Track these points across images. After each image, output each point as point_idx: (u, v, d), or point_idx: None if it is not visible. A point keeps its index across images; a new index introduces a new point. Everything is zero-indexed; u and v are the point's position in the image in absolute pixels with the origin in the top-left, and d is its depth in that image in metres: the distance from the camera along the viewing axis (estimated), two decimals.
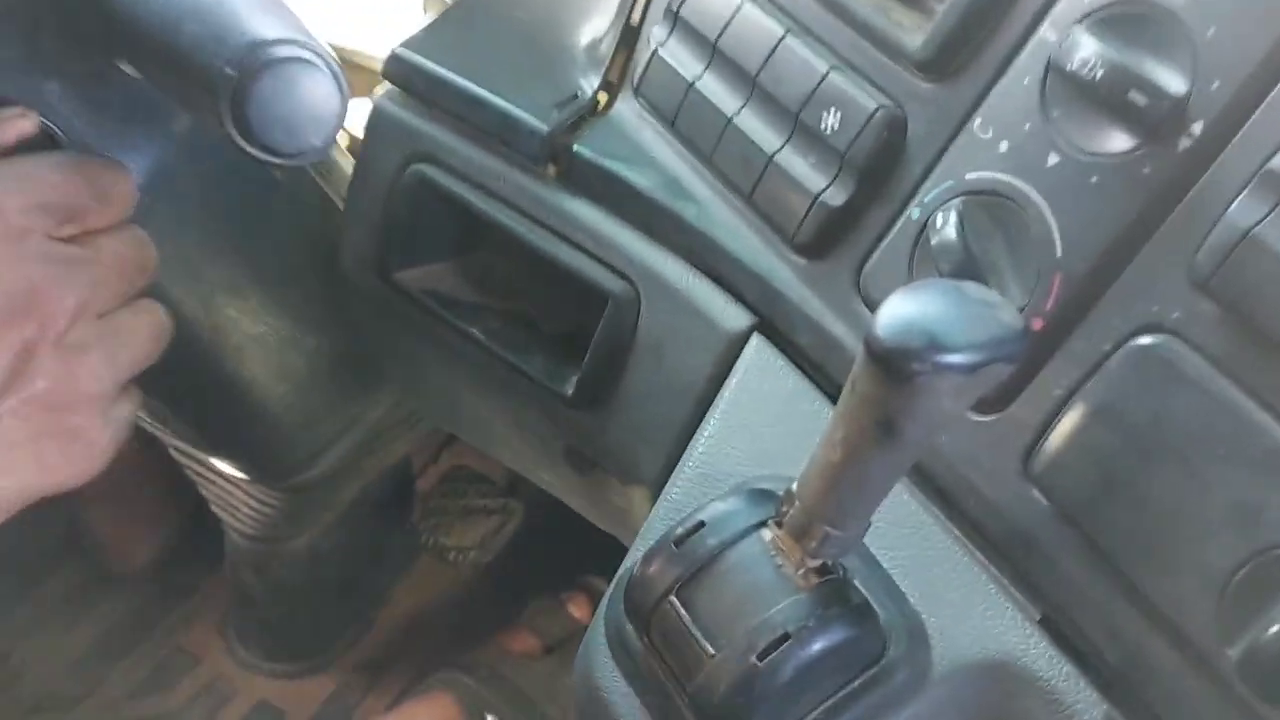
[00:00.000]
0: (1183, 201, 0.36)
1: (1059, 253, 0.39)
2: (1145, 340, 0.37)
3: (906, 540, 0.42)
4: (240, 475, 0.80)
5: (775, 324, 0.49)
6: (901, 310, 0.31)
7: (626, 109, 0.55)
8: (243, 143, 0.35)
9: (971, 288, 0.33)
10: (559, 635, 1.08)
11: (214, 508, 0.95)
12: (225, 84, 0.34)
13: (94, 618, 1.13)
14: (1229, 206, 0.34)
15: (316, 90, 0.36)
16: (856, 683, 0.38)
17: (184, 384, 0.65)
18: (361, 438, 0.80)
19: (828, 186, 0.45)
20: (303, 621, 1.09)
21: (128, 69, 0.48)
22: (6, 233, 0.41)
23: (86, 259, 0.44)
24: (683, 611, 0.38)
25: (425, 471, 1.25)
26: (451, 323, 0.57)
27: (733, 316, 0.49)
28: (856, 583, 0.39)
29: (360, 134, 0.60)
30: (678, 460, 0.47)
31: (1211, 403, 0.35)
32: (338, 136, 0.65)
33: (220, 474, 0.87)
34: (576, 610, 1.09)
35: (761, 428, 0.46)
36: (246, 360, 0.64)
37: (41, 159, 0.44)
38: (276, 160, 0.35)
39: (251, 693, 1.11)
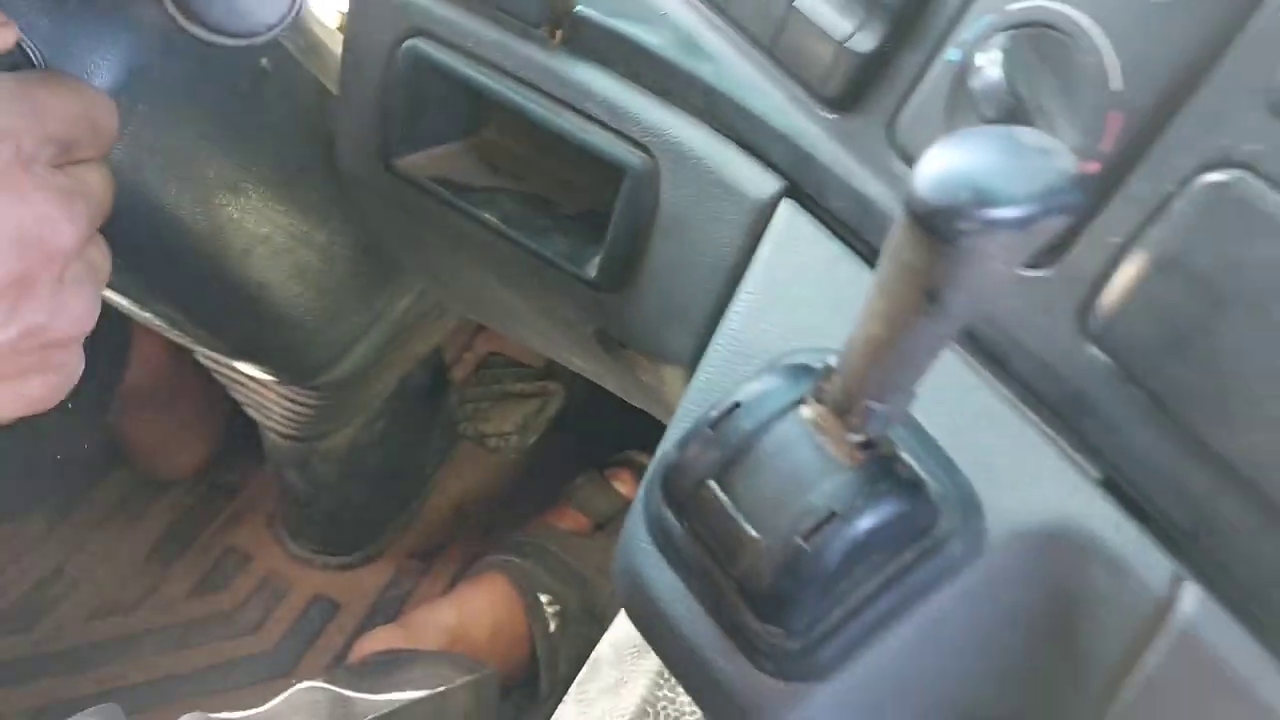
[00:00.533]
0: (1257, 13, 0.32)
1: (1117, 86, 0.35)
2: (1215, 177, 0.33)
3: (954, 404, 0.40)
4: (267, 378, 0.79)
5: (806, 188, 0.45)
6: (944, 163, 0.27)
7: None
8: (183, 21, 0.32)
9: (1022, 132, 0.29)
10: (606, 511, 1.09)
11: (248, 410, 0.95)
12: None
13: (143, 525, 1.15)
14: None
15: None
16: (907, 556, 0.37)
17: (193, 291, 0.63)
18: (388, 331, 0.78)
19: (856, 31, 0.42)
20: (349, 514, 1.11)
21: None
22: (22, 163, 0.39)
23: (83, 192, 0.42)
24: (722, 496, 0.36)
25: (460, 360, 1.24)
26: (463, 209, 0.54)
27: (760, 182, 0.46)
28: (903, 454, 0.37)
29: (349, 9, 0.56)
30: (709, 338, 0.45)
31: None
32: (327, 14, 0.61)
33: (250, 377, 0.86)
34: (622, 486, 1.10)
35: (796, 300, 0.43)
36: (255, 263, 0.62)
37: (48, 87, 0.41)
38: (227, 41, 0.32)
39: (306, 586, 1.13)
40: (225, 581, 1.13)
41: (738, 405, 0.37)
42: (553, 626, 1.03)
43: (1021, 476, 0.38)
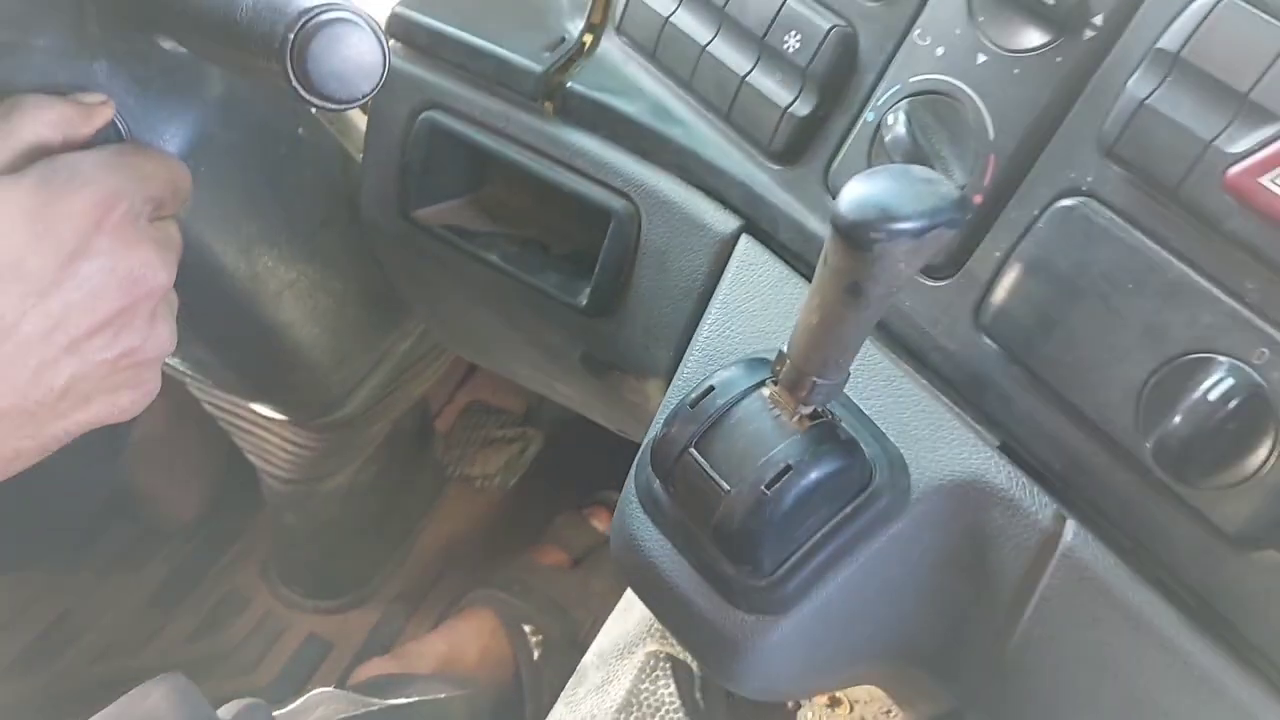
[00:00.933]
0: (1090, 82, 0.43)
1: (992, 136, 0.46)
2: (1067, 202, 0.44)
3: (883, 391, 0.50)
4: (279, 417, 0.87)
5: (760, 224, 0.56)
6: (858, 191, 0.38)
7: (611, 47, 0.62)
8: (305, 95, 0.41)
9: (915, 169, 0.40)
10: (584, 546, 1.16)
11: (250, 456, 1.03)
12: (285, 47, 0.41)
13: (146, 572, 1.21)
14: (1127, 82, 0.41)
15: (361, 44, 0.43)
16: (849, 508, 0.46)
17: (229, 332, 0.72)
18: (390, 372, 0.87)
19: (794, 100, 0.52)
20: (342, 558, 1.17)
21: (168, 45, 0.54)
22: (131, 218, 0.49)
23: (173, 243, 0.52)
24: (701, 459, 0.45)
25: (442, 412, 1.32)
26: (469, 251, 0.64)
27: (723, 221, 0.57)
28: (843, 424, 0.46)
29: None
30: (685, 351, 0.55)
31: (1122, 248, 0.42)
32: None
33: (255, 422, 0.94)
34: (598, 523, 1.18)
35: (754, 312, 0.53)
36: (283, 305, 0.71)
37: (146, 155, 0.52)
38: (334, 106, 0.42)
39: (300, 628, 1.19)
40: (224, 623, 1.18)
41: (712, 388, 0.46)
42: (536, 655, 1.10)
43: (937, 443, 0.48)
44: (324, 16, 0.41)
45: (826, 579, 0.47)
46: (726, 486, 0.44)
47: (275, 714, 0.74)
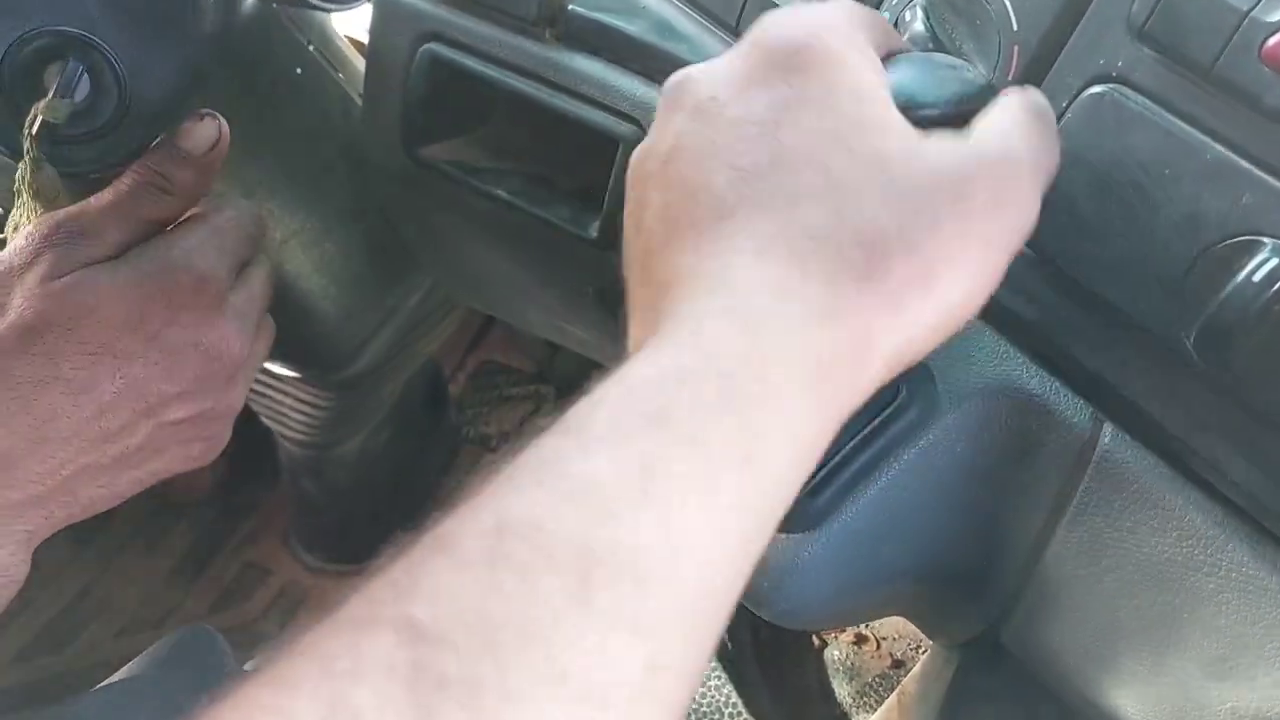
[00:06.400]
0: None
1: (1015, 26, 0.44)
2: (1096, 90, 0.42)
3: None
4: (292, 373, 0.86)
5: None
6: (889, 79, 0.36)
7: None
8: None
9: (938, 57, 0.38)
10: None
11: (266, 420, 1.02)
12: None
13: (166, 546, 1.21)
14: None
15: None
16: (877, 420, 0.45)
17: None
18: (400, 328, 0.86)
19: None
20: (361, 522, 1.17)
21: None
22: (215, 297, 0.52)
23: (252, 311, 0.55)
24: None
25: (454, 377, 1.31)
26: (476, 187, 0.63)
27: None
28: None
29: (365, 38, 0.65)
30: None
31: (1156, 133, 0.40)
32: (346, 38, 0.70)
33: (270, 384, 0.94)
34: None
35: None
36: (289, 254, 0.70)
37: (227, 217, 0.54)
38: (334, 8, 0.41)
39: (322, 595, 1.19)
40: (246, 594, 1.18)
41: None
42: None
43: (967, 352, 0.47)
44: None
45: (855, 494, 0.45)
46: None
47: None
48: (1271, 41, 0.37)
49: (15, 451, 0.47)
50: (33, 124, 0.48)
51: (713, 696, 0.75)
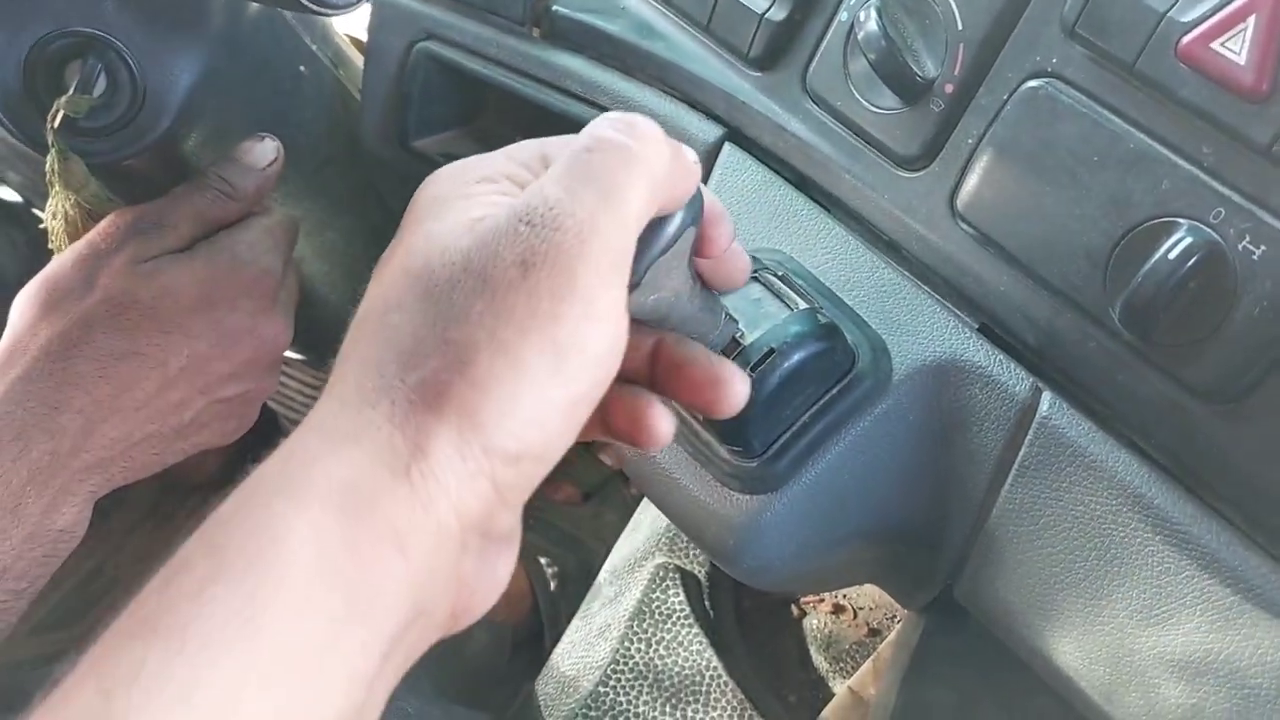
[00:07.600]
0: None
1: (960, 26, 0.47)
2: (1033, 84, 0.46)
3: (864, 281, 0.52)
4: (297, 356, 0.90)
5: (742, 131, 0.58)
6: None
7: None
8: (308, 2, 0.44)
9: None
10: (595, 482, 1.19)
11: (271, 403, 1.06)
12: None
13: (174, 526, 1.25)
14: None
15: None
16: (834, 389, 0.49)
17: None
18: None
19: (770, 6, 0.54)
20: None
21: None
22: (272, 291, 0.58)
23: (293, 304, 0.61)
24: None
25: None
26: None
27: (706, 130, 0.59)
28: (823, 311, 0.48)
29: (364, 36, 0.68)
30: None
31: (1086, 123, 0.44)
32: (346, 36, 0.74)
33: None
34: (607, 458, 1.21)
35: (739, 215, 0.55)
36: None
37: (278, 223, 0.59)
38: (331, 13, 0.44)
39: None
40: None
41: None
42: (553, 586, 1.13)
43: (918, 328, 0.50)
44: None
45: (815, 458, 0.49)
46: None
47: None
48: (1185, 39, 0.40)
49: (95, 417, 0.51)
50: (55, 118, 0.52)
51: (694, 660, 0.79)
